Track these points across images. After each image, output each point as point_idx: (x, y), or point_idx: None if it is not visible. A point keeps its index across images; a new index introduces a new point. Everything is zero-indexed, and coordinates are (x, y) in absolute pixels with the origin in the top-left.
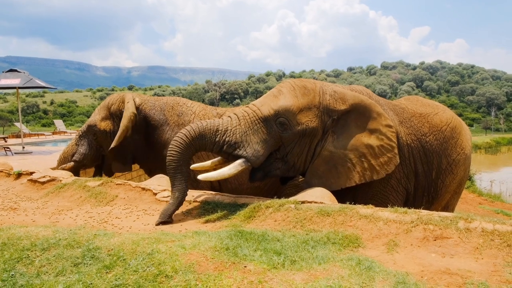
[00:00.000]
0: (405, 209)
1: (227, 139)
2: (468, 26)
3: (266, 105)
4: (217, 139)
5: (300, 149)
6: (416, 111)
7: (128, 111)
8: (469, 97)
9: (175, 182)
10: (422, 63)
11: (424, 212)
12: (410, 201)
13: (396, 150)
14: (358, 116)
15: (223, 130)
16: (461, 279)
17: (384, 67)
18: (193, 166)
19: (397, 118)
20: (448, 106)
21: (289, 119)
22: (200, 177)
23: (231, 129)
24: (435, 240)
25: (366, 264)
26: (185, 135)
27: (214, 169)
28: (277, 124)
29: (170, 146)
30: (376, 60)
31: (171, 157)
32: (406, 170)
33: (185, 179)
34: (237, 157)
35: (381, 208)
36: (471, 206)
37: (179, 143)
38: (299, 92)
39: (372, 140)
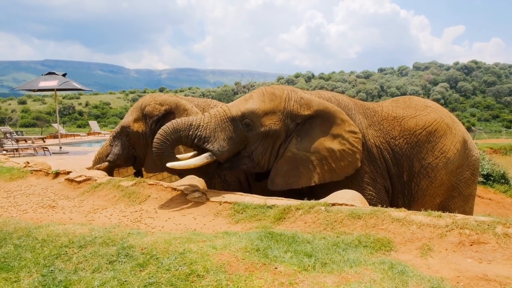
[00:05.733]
0: (439, 212)
1: (198, 133)
2: (504, 25)
3: (235, 107)
4: (190, 133)
5: (264, 148)
6: (390, 114)
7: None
8: (507, 97)
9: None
10: (456, 63)
11: (459, 216)
12: (389, 201)
13: (358, 155)
14: (322, 121)
15: (195, 125)
16: (500, 285)
17: (416, 67)
18: (178, 156)
19: (366, 121)
20: (484, 108)
21: (253, 120)
22: (169, 164)
23: (203, 125)
24: (471, 245)
25: (399, 268)
26: (163, 130)
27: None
28: (243, 125)
29: (154, 142)
30: (407, 61)
31: (155, 151)
32: (379, 169)
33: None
34: (206, 150)
35: (414, 211)
36: (509, 211)
37: (158, 140)
38: (267, 97)
39: (335, 145)
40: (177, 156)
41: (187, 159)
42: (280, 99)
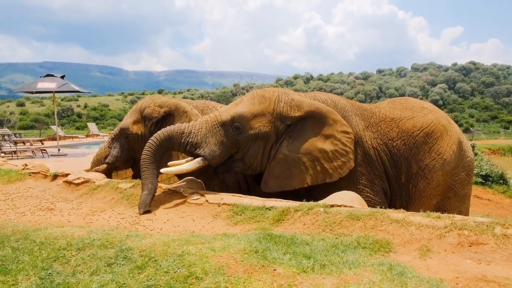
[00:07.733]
0: (438, 213)
1: (190, 140)
2: (502, 26)
3: (226, 111)
4: (182, 140)
5: (255, 151)
6: (388, 115)
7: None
8: (505, 98)
9: (147, 175)
10: (455, 64)
11: (458, 217)
12: (388, 203)
13: (351, 155)
14: (314, 122)
15: (187, 132)
16: (499, 286)
17: (415, 68)
18: (170, 163)
19: (364, 123)
20: (483, 108)
21: (243, 124)
22: (163, 170)
23: (194, 132)
24: (470, 246)
25: (398, 269)
26: (156, 138)
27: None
28: (233, 128)
29: (145, 147)
30: (406, 62)
31: (144, 156)
32: (377, 171)
33: (156, 174)
34: (198, 155)
35: (413, 212)
36: (507, 212)
37: (150, 145)
38: (257, 100)
39: (327, 145)
40: (170, 163)
41: (179, 165)
42: (270, 101)
